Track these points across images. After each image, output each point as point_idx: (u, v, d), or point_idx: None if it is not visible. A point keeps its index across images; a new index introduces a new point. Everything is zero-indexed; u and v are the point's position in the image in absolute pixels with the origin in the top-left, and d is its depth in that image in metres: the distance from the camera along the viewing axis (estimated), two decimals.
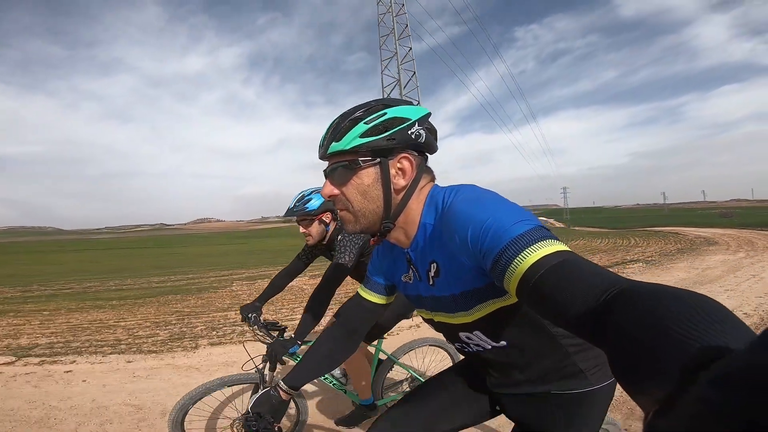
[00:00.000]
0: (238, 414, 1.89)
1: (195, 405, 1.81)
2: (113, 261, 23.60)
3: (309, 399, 2.61)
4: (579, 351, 0.84)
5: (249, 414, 0.95)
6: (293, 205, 1.96)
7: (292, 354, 1.75)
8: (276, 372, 1.77)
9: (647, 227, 31.91)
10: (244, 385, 1.96)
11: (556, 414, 0.88)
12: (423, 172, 0.79)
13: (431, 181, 0.82)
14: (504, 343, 0.82)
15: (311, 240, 2.01)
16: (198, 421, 1.93)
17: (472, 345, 0.87)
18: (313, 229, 1.98)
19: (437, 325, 0.92)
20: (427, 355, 2.55)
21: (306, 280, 8.22)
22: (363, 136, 0.72)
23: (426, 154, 0.81)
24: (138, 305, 6.93)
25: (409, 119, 0.74)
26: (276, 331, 1.88)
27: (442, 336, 0.99)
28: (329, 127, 0.77)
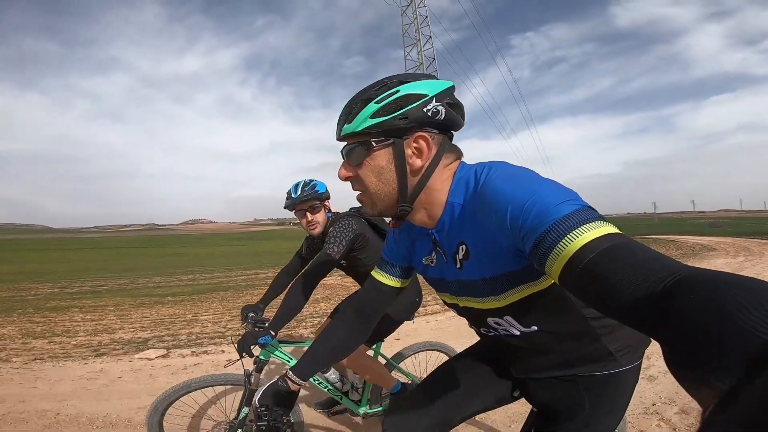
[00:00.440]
0: (225, 417, 1.86)
1: (175, 404, 1.76)
2: (121, 260, 23.52)
3: (301, 401, 2.64)
4: (609, 333, 0.82)
5: (248, 418, 0.86)
6: (299, 193, 1.85)
7: (263, 345, 1.66)
8: (262, 374, 1.72)
9: (645, 235, 32.92)
10: (227, 387, 1.91)
11: (583, 396, 0.86)
12: (445, 150, 0.75)
13: (457, 159, 0.78)
14: (535, 328, 0.80)
15: (318, 229, 1.91)
16: (179, 421, 1.88)
17: (500, 330, 0.84)
18: (321, 216, 1.91)
19: (461, 310, 0.88)
20: (429, 360, 2.47)
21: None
22: (374, 116, 0.70)
23: (450, 131, 0.77)
24: (196, 301, 7.08)
25: (426, 95, 0.70)
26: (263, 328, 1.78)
27: (443, 339, 1.03)
28: (344, 108, 0.75)
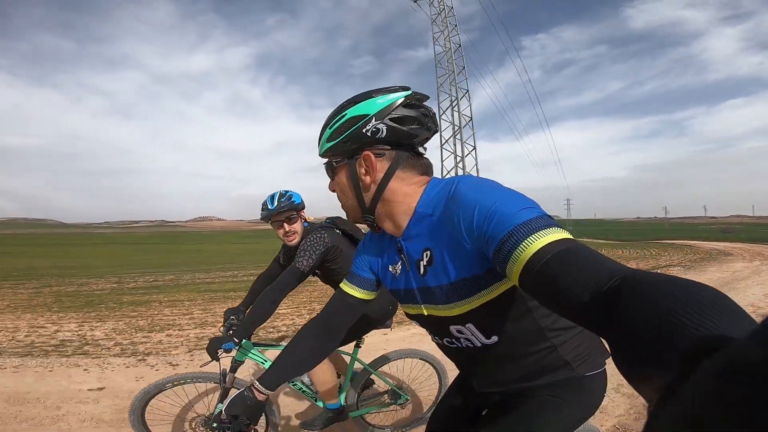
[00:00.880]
0: (202, 412, 1.98)
1: (155, 398, 1.84)
2: (148, 256, 23.96)
3: (282, 405, 2.60)
4: (563, 343, 0.84)
5: (221, 416, 0.85)
6: (276, 204, 1.88)
7: (228, 350, 1.70)
8: (236, 372, 1.81)
9: (659, 240, 33.15)
10: (207, 385, 2.02)
11: (541, 400, 0.87)
12: (400, 165, 0.77)
13: (424, 174, 0.81)
14: (495, 339, 0.81)
15: (296, 239, 1.94)
16: (157, 415, 1.97)
17: (462, 340, 0.85)
18: (298, 226, 1.94)
19: (426, 320, 0.88)
20: (409, 368, 2.45)
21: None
22: (329, 140, 0.78)
23: (409, 145, 0.79)
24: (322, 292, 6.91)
25: (366, 115, 0.73)
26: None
27: (423, 347, 0.99)
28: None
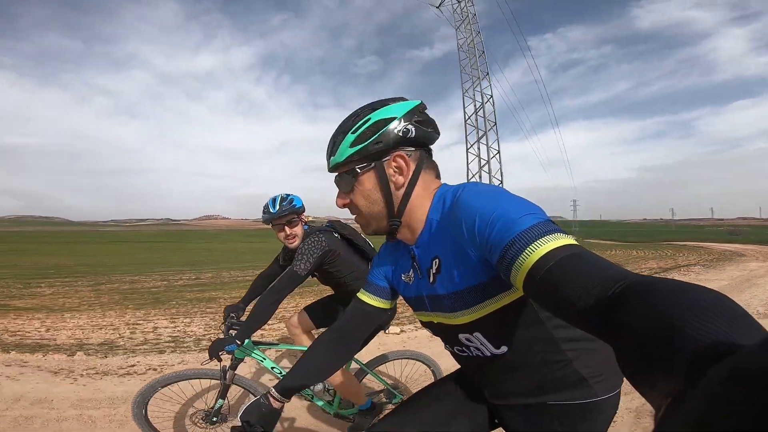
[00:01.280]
0: (203, 406, 2.01)
1: (157, 394, 1.87)
2: (168, 254, 23.59)
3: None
4: (579, 356, 0.81)
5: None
6: (278, 208, 1.90)
7: (230, 351, 1.75)
8: (236, 370, 1.86)
9: (669, 241, 33.36)
10: (210, 381, 2.03)
11: (555, 426, 0.83)
12: (424, 165, 0.80)
13: (437, 178, 0.83)
14: (504, 349, 0.80)
15: (297, 242, 1.96)
16: (159, 410, 2.00)
17: (472, 348, 0.84)
18: (299, 229, 1.97)
19: (436, 328, 0.89)
20: (405, 368, 2.47)
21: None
22: (353, 145, 0.77)
23: (426, 147, 0.82)
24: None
25: (394, 117, 0.76)
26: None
27: (420, 349, 1.05)
28: (329, 142, 0.82)
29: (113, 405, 2.60)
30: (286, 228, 1.95)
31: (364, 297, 0.98)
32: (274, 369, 2.03)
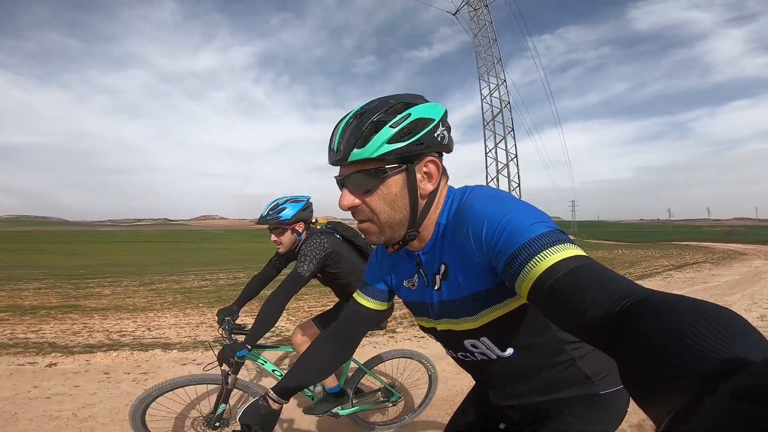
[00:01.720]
0: (199, 414, 1.98)
1: (157, 400, 1.86)
2: (179, 254, 23.77)
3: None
4: (583, 356, 0.82)
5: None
6: (266, 213, 1.95)
7: (242, 357, 1.77)
8: (238, 374, 1.86)
9: (671, 242, 34.63)
10: (208, 386, 2.04)
11: (565, 414, 0.85)
12: (444, 173, 0.77)
13: (447, 183, 0.80)
14: (511, 351, 0.80)
15: (282, 248, 2.01)
16: (159, 417, 1.98)
17: (477, 354, 0.83)
18: (285, 238, 1.98)
19: (440, 334, 0.88)
20: (402, 367, 2.52)
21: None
22: (391, 141, 0.67)
23: (443, 153, 0.78)
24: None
25: (434, 119, 0.70)
26: (241, 335, 1.90)
27: (417, 348, 1.40)
28: (343, 129, 0.70)
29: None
30: (272, 234, 2.01)
31: (360, 299, 0.98)
32: (275, 372, 2.05)
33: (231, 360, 1.73)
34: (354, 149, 0.68)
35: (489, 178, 30.62)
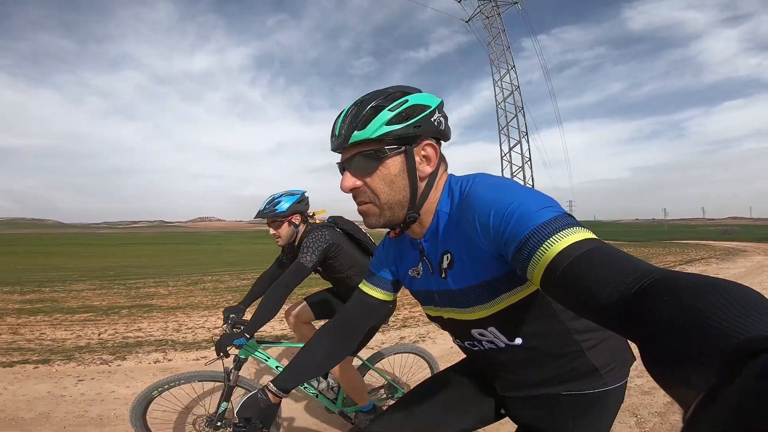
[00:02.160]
0: (202, 412, 1.97)
1: (157, 398, 1.83)
2: (187, 256, 23.63)
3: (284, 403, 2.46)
4: (592, 347, 0.82)
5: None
6: (263, 208, 2.03)
7: (239, 346, 1.76)
8: (240, 371, 1.84)
9: (671, 240, 35.40)
10: (210, 384, 2.04)
11: (567, 416, 0.86)
12: (442, 159, 0.79)
13: (446, 170, 0.81)
14: (519, 341, 0.80)
15: (280, 241, 2.10)
16: (160, 415, 1.96)
17: (484, 342, 0.84)
18: (282, 231, 2.05)
19: (446, 323, 0.88)
20: (404, 363, 2.50)
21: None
22: (389, 123, 0.71)
23: (441, 141, 0.79)
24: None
25: (430, 106, 0.74)
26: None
27: (419, 343, 1.46)
28: (344, 117, 0.74)
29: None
30: (270, 227, 2.07)
31: (367, 289, 0.97)
32: (278, 368, 2.04)
33: (228, 349, 1.72)
34: (354, 132, 0.72)
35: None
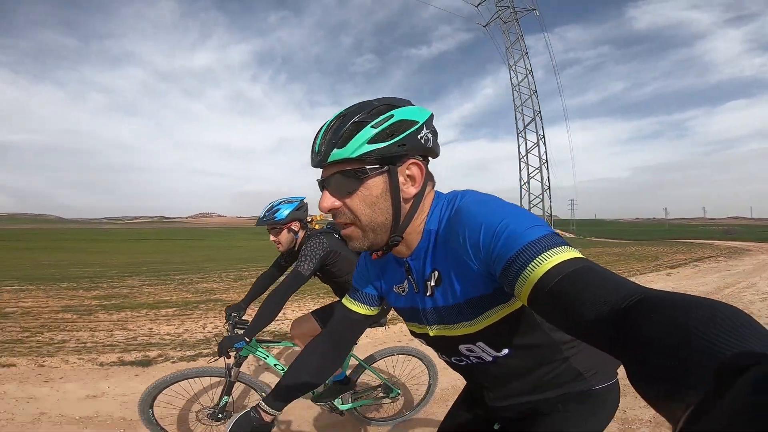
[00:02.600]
0: (204, 405, 2.07)
1: (163, 392, 1.92)
2: (197, 252, 23.40)
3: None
4: (575, 354, 0.84)
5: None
6: (263, 216, 2.10)
7: (239, 349, 1.85)
8: (241, 367, 1.97)
9: (675, 239, 35.74)
10: (213, 379, 2.17)
11: (559, 408, 0.87)
12: (429, 178, 0.77)
13: (433, 188, 0.80)
14: (506, 351, 0.81)
15: (281, 247, 2.16)
16: (165, 409, 2.04)
17: (472, 357, 0.84)
18: (282, 237, 2.12)
19: (432, 340, 0.87)
20: (400, 364, 2.55)
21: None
22: (372, 141, 0.67)
23: (428, 158, 0.77)
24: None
25: (417, 122, 0.71)
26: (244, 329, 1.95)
27: (415, 344, 1.14)
28: (324, 131, 0.71)
29: None
30: (271, 234, 2.14)
31: (349, 304, 0.97)
32: (276, 366, 2.12)
33: (229, 351, 1.81)
34: (334, 149, 0.68)
35: (522, 182, 33.97)
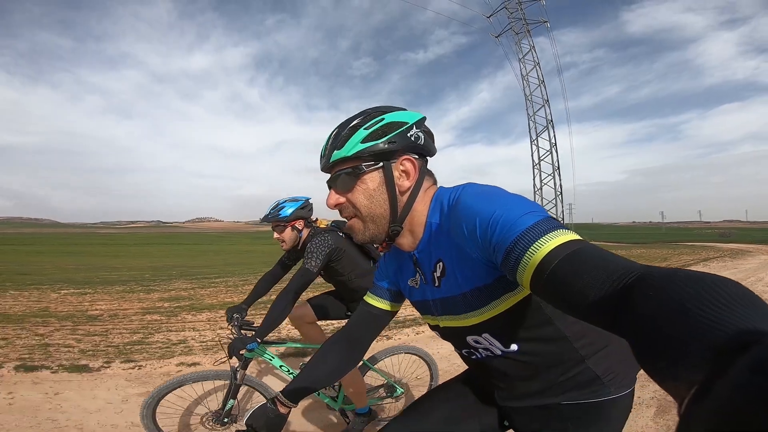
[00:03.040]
0: (208, 410, 2.02)
1: (167, 397, 1.88)
2: (201, 257, 22.84)
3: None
4: (592, 354, 0.82)
5: (244, 430, 0.89)
6: (268, 212, 2.13)
7: (251, 350, 1.82)
8: (246, 370, 1.90)
9: (676, 242, 36.47)
10: (217, 382, 2.12)
11: (568, 427, 0.84)
12: (425, 174, 0.82)
13: (434, 184, 0.85)
14: (515, 348, 0.80)
15: (285, 245, 2.18)
16: (169, 413, 2.01)
17: (480, 350, 0.85)
18: (286, 235, 2.14)
19: (443, 331, 0.90)
20: (404, 363, 2.56)
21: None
22: (364, 141, 0.75)
23: (426, 157, 0.83)
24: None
25: (407, 123, 0.77)
26: (250, 331, 1.95)
27: (419, 344, 1.24)
28: (328, 139, 0.80)
29: None
30: (275, 232, 2.15)
31: (371, 300, 1.00)
32: (282, 367, 2.09)
33: (240, 353, 1.79)
34: (335, 151, 0.78)
35: (535, 188, 35.59)
